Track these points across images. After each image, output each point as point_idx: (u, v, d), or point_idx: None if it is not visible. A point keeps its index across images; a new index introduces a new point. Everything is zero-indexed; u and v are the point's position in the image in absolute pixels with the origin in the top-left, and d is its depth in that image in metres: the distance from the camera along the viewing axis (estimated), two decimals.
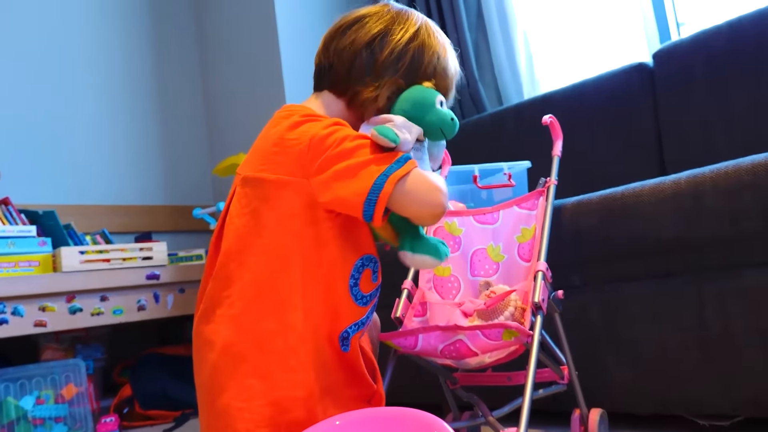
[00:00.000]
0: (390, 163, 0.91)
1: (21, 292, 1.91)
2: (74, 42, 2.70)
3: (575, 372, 1.29)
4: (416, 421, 0.87)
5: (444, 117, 1.02)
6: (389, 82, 1.04)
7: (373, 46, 1.04)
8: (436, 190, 0.92)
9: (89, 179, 2.64)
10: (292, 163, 0.95)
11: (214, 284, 0.99)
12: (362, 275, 1.00)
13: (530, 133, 2.11)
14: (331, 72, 1.07)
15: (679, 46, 1.86)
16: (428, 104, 1.01)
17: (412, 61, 1.04)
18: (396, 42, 1.04)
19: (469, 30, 2.52)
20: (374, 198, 0.90)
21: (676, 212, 1.24)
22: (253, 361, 0.93)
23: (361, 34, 1.05)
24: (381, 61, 1.03)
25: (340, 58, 1.05)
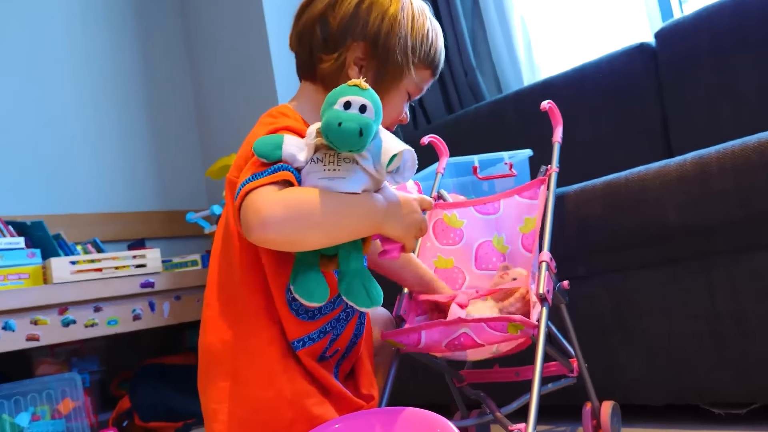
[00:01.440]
0: (253, 173, 0.86)
1: (11, 306, 1.91)
2: (60, 47, 2.70)
3: (585, 364, 1.30)
4: (419, 420, 0.88)
5: (330, 120, 0.84)
6: (350, 47, 1.02)
7: (326, 16, 1.03)
8: (256, 213, 0.82)
9: (78, 187, 2.65)
10: (242, 167, 0.94)
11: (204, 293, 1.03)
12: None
13: (531, 120, 2.11)
14: (298, 58, 1.08)
15: (682, 24, 1.86)
16: (327, 105, 0.86)
17: (363, 20, 1.01)
18: (347, 3, 1.02)
19: (464, 17, 2.52)
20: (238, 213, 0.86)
21: (683, 196, 1.25)
22: (227, 363, 0.95)
23: (314, 8, 1.05)
24: (335, 28, 1.02)
25: (300, 41, 1.06)
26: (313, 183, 0.87)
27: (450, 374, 1.37)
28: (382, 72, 1.03)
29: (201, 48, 3.00)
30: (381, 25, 1.01)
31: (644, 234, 1.32)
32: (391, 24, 1.02)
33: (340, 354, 1.06)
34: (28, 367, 2.17)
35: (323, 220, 0.84)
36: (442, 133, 1.64)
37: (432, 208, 1.03)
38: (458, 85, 2.54)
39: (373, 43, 1.02)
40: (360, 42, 1.02)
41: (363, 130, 0.84)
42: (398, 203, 0.93)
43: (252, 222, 0.82)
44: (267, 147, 0.87)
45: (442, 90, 2.60)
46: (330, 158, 0.88)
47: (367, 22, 1.01)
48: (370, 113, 0.86)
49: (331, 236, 0.87)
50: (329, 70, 1.02)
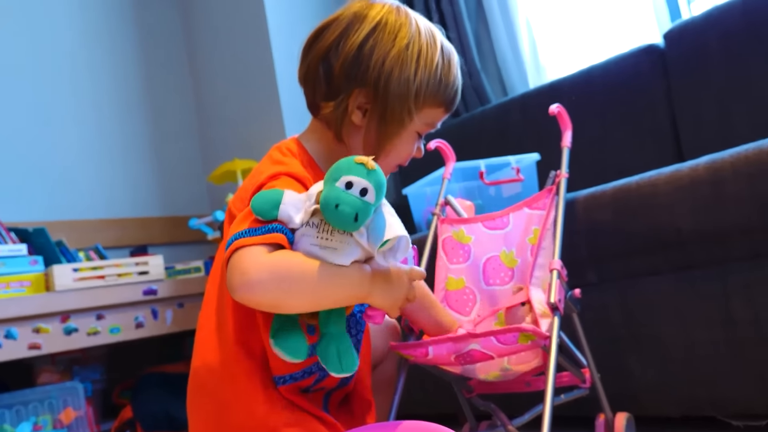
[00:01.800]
0: (245, 228, 0.83)
1: (13, 314, 1.90)
2: (61, 54, 2.69)
3: (597, 374, 1.28)
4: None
5: (328, 199, 0.82)
6: (352, 93, 0.98)
7: (329, 58, 0.98)
8: (242, 274, 0.79)
9: (80, 193, 2.63)
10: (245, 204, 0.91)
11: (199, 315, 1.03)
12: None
13: (538, 124, 2.09)
14: (305, 96, 1.04)
15: (691, 25, 1.83)
16: (331, 177, 0.84)
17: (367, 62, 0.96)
18: (350, 45, 0.97)
19: (468, 19, 2.50)
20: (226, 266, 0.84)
21: (696, 201, 1.22)
22: (212, 387, 0.93)
23: (318, 46, 1.00)
24: (337, 72, 0.97)
25: (306, 82, 1.03)
26: (304, 248, 0.85)
27: (459, 384, 1.35)
28: (385, 117, 0.99)
29: (202, 53, 2.99)
30: (382, 70, 0.96)
31: (656, 240, 1.30)
32: (392, 68, 0.96)
33: (326, 390, 1.02)
34: (30, 376, 2.15)
35: (308, 288, 0.82)
36: (447, 137, 1.62)
37: (423, 278, 0.97)
38: (463, 88, 2.51)
39: (375, 89, 0.97)
40: (362, 88, 0.97)
41: (359, 215, 0.82)
42: (387, 274, 0.89)
43: (236, 282, 0.80)
44: (265, 206, 0.84)
45: None
46: (325, 226, 0.85)
47: (368, 67, 0.96)
48: (371, 197, 0.83)
49: (314, 304, 0.85)
50: (332, 117, 0.99)
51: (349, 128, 1.00)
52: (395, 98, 0.97)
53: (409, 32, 0.97)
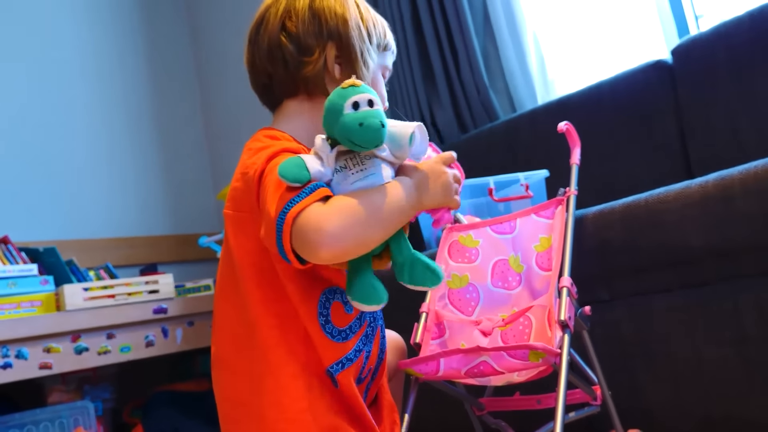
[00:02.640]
0: (291, 198, 0.84)
1: (24, 334, 1.93)
2: (71, 73, 2.74)
3: (608, 392, 1.28)
4: None
5: (349, 124, 0.85)
6: (325, 46, 1.03)
7: (286, 26, 1.03)
8: (318, 231, 0.81)
9: (90, 212, 2.67)
10: (248, 197, 0.94)
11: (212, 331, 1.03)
12: (332, 310, 0.97)
13: (546, 140, 2.10)
14: (274, 78, 1.06)
15: (699, 40, 1.85)
16: (336, 112, 0.86)
17: (322, 18, 1.03)
18: (300, 8, 1.03)
19: (476, 35, 2.52)
20: (280, 242, 0.84)
21: (706, 218, 1.23)
22: (249, 405, 0.95)
23: (271, 24, 1.05)
24: (302, 35, 1.02)
25: (271, 58, 1.05)
26: (347, 189, 0.88)
27: (469, 402, 1.36)
28: (355, 62, 1.05)
29: (211, 73, 3.03)
30: (337, 19, 1.03)
31: (667, 257, 1.30)
32: (344, 16, 1.04)
33: (371, 374, 1.06)
34: (40, 396, 2.17)
35: (379, 216, 0.86)
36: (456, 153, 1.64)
37: (454, 159, 1.02)
38: (471, 104, 2.53)
39: (339, 38, 1.03)
40: (330, 42, 1.03)
41: (383, 122, 0.86)
42: (424, 174, 0.94)
43: (317, 240, 0.81)
44: (294, 170, 0.85)
45: (455, 109, 2.60)
46: (353, 161, 0.89)
47: (327, 20, 1.03)
48: (378, 105, 0.87)
49: (387, 229, 0.88)
50: (313, 73, 1.02)
51: (328, 85, 1.03)
52: (357, 42, 1.04)
53: None
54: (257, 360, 0.94)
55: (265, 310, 0.94)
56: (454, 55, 2.58)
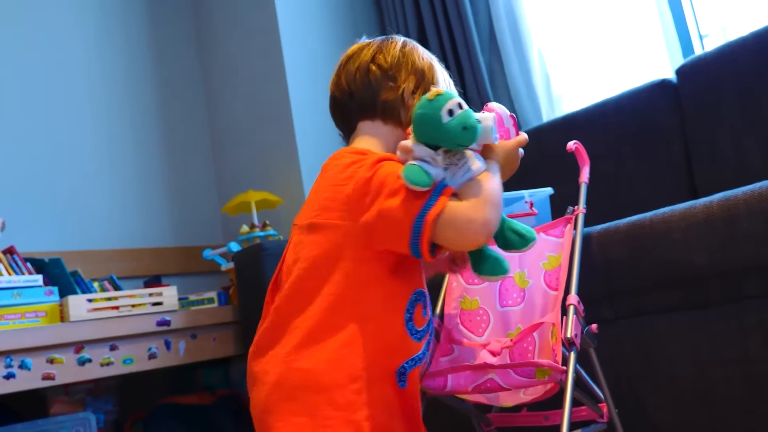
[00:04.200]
0: (424, 201, 0.98)
1: (28, 345, 1.93)
2: (76, 83, 2.77)
3: (615, 410, 1.30)
4: None
5: (454, 130, 0.99)
6: (406, 79, 1.19)
7: (376, 59, 1.20)
8: (471, 222, 0.98)
9: (95, 224, 2.69)
10: (341, 208, 1.05)
11: (268, 326, 1.08)
12: (415, 310, 1.08)
13: (551, 157, 2.13)
14: (353, 98, 1.20)
15: (704, 60, 1.88)
16: (434, 120, 1.00)
17: (409, 60, 1.20)
18: (391, 50, 1.21)
19: (481, 52, 2.56)
20: (417, 241, 0.98)
21: (710, 238, 1.25)
22: (302, 399, 1.00)
23: (362, 56, 1.22)
24: (387, 66, 1.19)
25: (357, 81, 1.20)
26: (461, 182, 1.02)
27: (477, 418, 1.38)
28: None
29: (218, 85, 3.06)
30: (422, 65, 1.21)
31: (671, 277, 1.32)
32: (431, 64, 1.23)
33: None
34: (43, 407, 2.18)
35: (498, 198, 1.02)
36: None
37: (526, 141, 1.22)
38: None
39: (421, 77, 1.20)
40: (412, 76, 1.19)
41: (478, 120, 1.01)
42: (505, 155, 1.14)
43: (473, 230, 0.98)
44: (419, 176, 0.99)
45: None
46: (456, 157, 1.02)
47: (414, 62, 1.20)
48: (464, 104, 1.01)
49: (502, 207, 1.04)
50: (392, 98, 1.18)
51: (403, 110, 1.18)
52: (437, 80, 1.22)
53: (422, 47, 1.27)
54: (316, 357, 1.01)
55: (346, 313, 1.02)
56: (460, 71, 2.62)
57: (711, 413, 1.30)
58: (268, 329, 1.07)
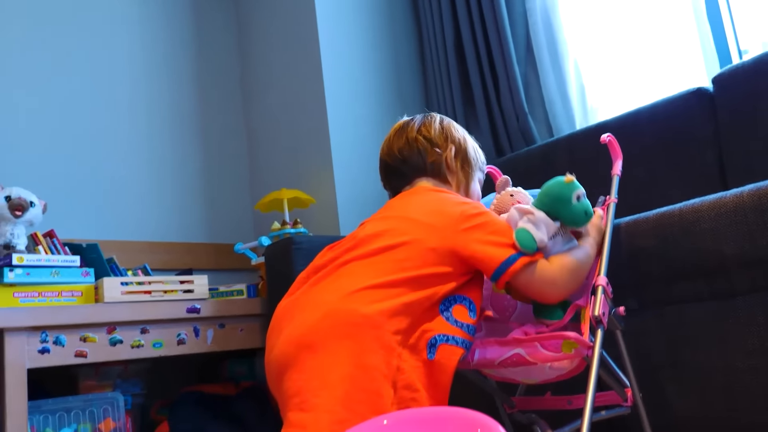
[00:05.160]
0: (513, 253, 1.23)
1: (63, 322, 2.01)
2: (119, 81, 2.89)
3: (639, 394, 1.32)
4: (467, 420, 0.91)
5: (578, 214, 1.26)
6: (448, 147, 1.48)
7: (422, 132, 1.50)
8: (552, 284, 1.24)
9: (131, 215, 2.79)
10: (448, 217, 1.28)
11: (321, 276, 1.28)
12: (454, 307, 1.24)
13: (583, 164, 2.16)
14: (405, 163, 1.48)
15: (741, 69, 1.91)
16: (565, 200, 1.25)
17: (447, 132, 1.50)
18: (433, 124, 1.52)
19: (518, 63, 2.62)
20: (504, 269, 1.22)
21: (739, 227, 1.28)
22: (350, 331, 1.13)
23: (409, 131, 1.51)
24: (434, 137, 1.49)
25: (408, 149, 1.49)
26: (559, 251, 1.26)
27: (501, 399, 1.40)
28: (467, 162, 1.51)
29: (255, 85, 3.16)
30: (457, 136, 1.52)
31: (698, 266, 1.35)
32: (465, 137, 1.54)
33: None
34: (73, 386, 2.24)
35: (583, 270, 1.29)
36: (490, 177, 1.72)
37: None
38: (509, 130, 2.62)
39: (458, 145, 1.49)
40: (452, 144, 1.48)
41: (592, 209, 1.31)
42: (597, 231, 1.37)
43: (551, 290, 1.25)
44: (529, 241, 1.21)
45: (493, 134, 2.69)
46: (563, 230, 1.28)
47: (451, 133, 1.51)
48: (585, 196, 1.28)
49: (584, 277, 1.31)
50: (438, 161, 1.47)
51: (447, 171, 1.47)
52: (467, 152, 1.51)
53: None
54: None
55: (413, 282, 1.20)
56: (495, 81, 2.68)
57: (735, 403, 1.31)
58: (328, 274, 1.24)
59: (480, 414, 0.91)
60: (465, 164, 1.50)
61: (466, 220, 1.27)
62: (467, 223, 1.26)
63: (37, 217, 2.22)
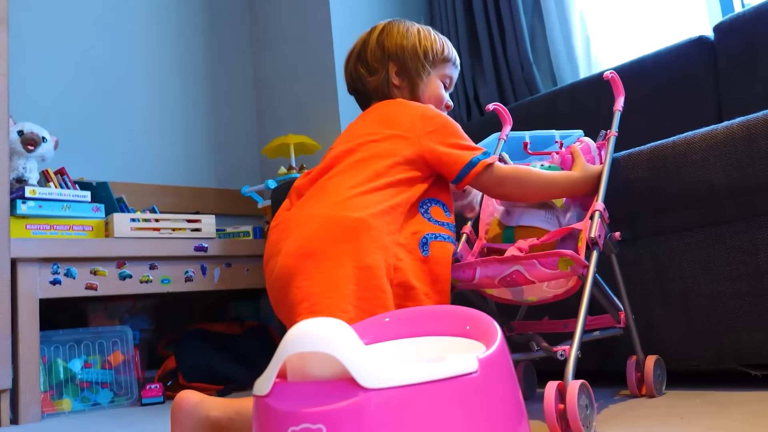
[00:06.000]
0: (481, 153, 1.35)
1: (74, 254, 2.10)
2: (131, 28, 2.97)
3: (632, 316, 1.40)
4: (464, 316, 0.99)
5: None
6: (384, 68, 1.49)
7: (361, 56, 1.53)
8: (499, 186, 1.38)
9: (141, 158, 2.88)
10: (406, 125, 1.36)
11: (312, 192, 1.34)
12: (431, 209, 1.33)
13: (586, 112, 2.24)
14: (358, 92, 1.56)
15: (741, 18, 1.97)
16: None
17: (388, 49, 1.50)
18: (371, 43, 1.52)
19: (524, 14, 2.67)
20: (467, 172, 1.32)
21: (728, 157, 1.36)
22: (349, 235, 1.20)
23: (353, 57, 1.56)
24: (370, 62, 1.52)
25: (353, 79, 1.55)
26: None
27: (500, 322, 1.48)
28: (415, 74, 1.49)
29: (264, 32, 3.23)
30: (396, 47, 1.49)
31: (688, 196, 1.43)
32: (402, 44, 1.50)
33: None
34: (83, 320, 2.34)
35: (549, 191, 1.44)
36: (495, 124, 1.78)
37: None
38: (514, 80, 2.68)
39: (397, 59, 1.49)
40: (391, 62, 1.48)
41: None
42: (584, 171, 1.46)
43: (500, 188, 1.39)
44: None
45: (498, 84, 2.75)
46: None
47: (388, 49, 1.49)
48: None
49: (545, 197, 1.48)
50: (380, 87, 1.49)
51: (393, 89, 1.48)
52: (411, 60, 1.49)
53: (406, 25, 1.53)
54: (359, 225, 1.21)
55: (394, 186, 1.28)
56: (502, 32, 2.73)
57: (719, 325, 1.40)
58: (313, 193, 1.30)
59: (474, 310, 0.99)
60: (414, 72, 1.49)
61: (426, 124, 1.35)
62: (428, 127, 1.35)
63: (49, 152, 2.29)
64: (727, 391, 1.39)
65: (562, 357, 1.20)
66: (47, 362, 2.11)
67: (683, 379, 1.54)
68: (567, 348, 1.19)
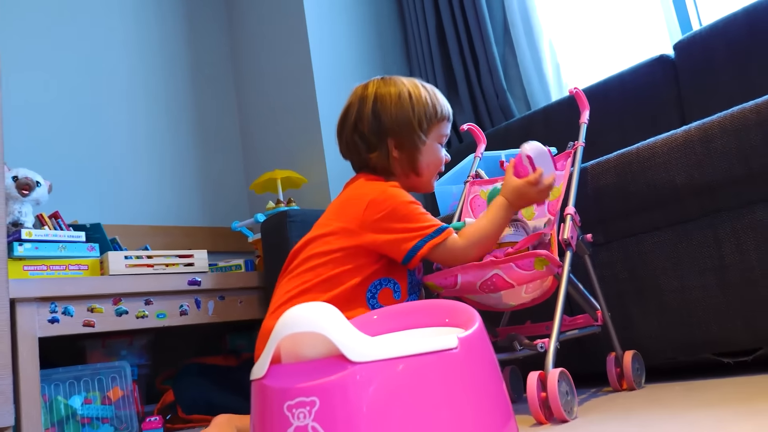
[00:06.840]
0: (433, 230, 1.39)
1: (71, 293, 2.15)
2: (117, 74, 3.07)
3: (608, 313, 1.48)
4: (447, 308, 1.07)
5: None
6: (386, 142, 1.53)
7: (358, 128, 1.56)
8: (462, 258, 1.41)
9: (132, 200, 2.95)
10: (352, 214, 1.42)
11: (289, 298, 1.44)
12: (380, 292, 1.41)
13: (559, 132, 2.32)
14: (352, 161, 1.62)
15: (699, 36, 2.09)
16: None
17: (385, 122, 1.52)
18: (366, 116, 1.53)
19: (496, 44, 2.80)
20: (412, 255, 1.38)
21: (688, 158, 1.45)
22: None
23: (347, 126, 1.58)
24: (368, 136, 1.54)
25: (348, 149, 1.60)
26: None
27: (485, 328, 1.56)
28: (412, 146, 1.51)
29: (247, 70, 3.35)
30: (391, 121, 1.50)
31: (654, 197, 1.52)
32: (396, 116, 1.50)
33: None
34: (81, 358, 2.38)
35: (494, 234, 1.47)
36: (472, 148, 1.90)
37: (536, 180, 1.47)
38: (490, 107, 2.80)
39: (395, 133, 1.50)
40: (390, 138, 1.50)
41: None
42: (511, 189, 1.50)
43: (464, 259, 1.42)
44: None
45: (474, 111, 2.86)
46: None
47: (385, 123, 1.50)
48: None
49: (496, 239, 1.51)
50: (380, 162, 1.51)
51: (394, 163, 1.51)
52: (407, 135, 1.50)
53: (398, 89, 1.52)
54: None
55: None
56: (476, 63, 2.86)
57: (690, 318, 1.48)
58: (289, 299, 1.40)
59: (456, 302, 1.07)
60: (412, 145, 1.51)
61: (373, 211, 1.40)
62: (375, 214, 1.40)
63: (43, 196, 2.37)
64: (703, 379, 1.46)
65: (542, 349, 1.28)
66: (48, 400, 2.15)
67: (662, 373, 1.62)
68: (546, 340, 1.27)
